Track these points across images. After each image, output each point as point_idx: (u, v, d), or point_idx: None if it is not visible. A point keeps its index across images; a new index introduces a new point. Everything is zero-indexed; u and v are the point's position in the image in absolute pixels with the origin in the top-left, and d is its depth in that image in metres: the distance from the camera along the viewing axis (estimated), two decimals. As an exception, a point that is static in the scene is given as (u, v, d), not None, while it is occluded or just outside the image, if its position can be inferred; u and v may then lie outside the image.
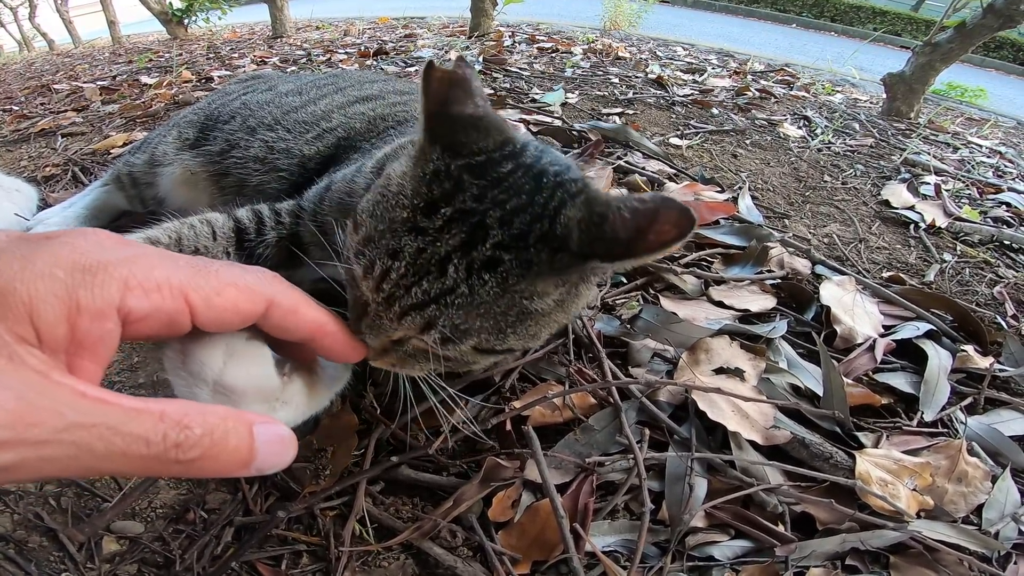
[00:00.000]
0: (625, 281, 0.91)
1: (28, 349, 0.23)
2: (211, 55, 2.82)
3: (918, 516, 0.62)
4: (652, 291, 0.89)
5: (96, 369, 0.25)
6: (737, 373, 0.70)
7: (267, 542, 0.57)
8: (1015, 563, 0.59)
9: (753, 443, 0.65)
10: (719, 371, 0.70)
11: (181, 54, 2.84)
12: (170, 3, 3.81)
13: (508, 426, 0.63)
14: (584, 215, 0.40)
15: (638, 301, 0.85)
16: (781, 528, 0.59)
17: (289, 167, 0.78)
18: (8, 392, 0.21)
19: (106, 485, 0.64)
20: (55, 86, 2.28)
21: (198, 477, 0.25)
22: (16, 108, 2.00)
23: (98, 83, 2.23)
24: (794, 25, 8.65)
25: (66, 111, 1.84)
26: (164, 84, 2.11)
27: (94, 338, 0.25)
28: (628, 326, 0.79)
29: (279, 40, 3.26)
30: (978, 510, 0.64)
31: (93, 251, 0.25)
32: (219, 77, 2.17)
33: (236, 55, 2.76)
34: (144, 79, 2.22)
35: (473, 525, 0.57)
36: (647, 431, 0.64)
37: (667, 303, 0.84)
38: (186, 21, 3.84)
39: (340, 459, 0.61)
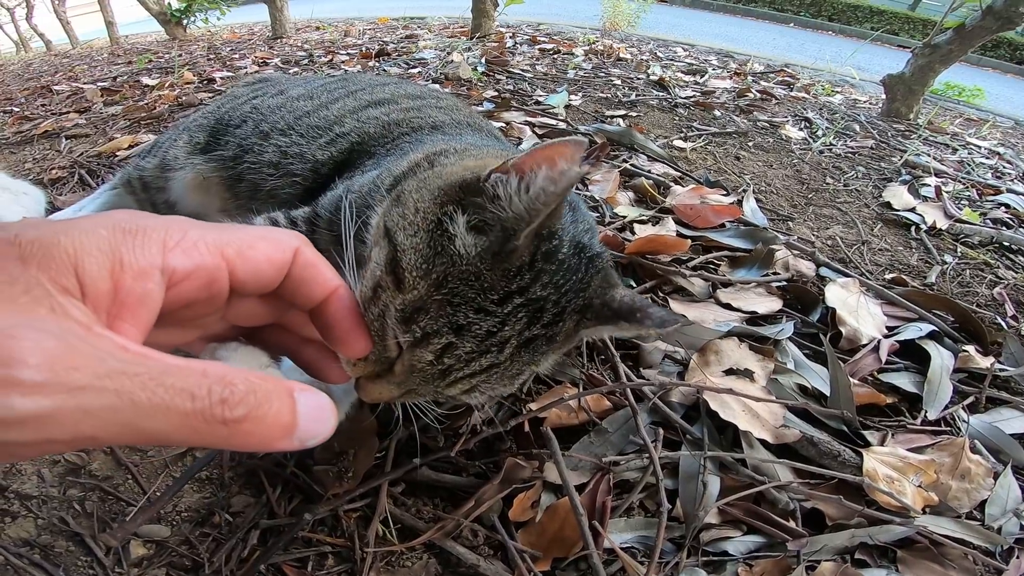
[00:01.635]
0: (634, 285, 0.92)
1: (71, 300, 0.22)
2: (211, 56, 2.81)
3: (923, 512, 0.64)
4: (661, 294, 0.90)
5: (136, 333, 0.24)
6: (747, 374, 0.71)
7: (292, 544, 0.58)
8: (1018, 557, 0.60)
9: (763, 442, 0.67)
10: (729, 372, 0.72)
11: (181, 55, 2.83)
12: (169, 3, 3.80)
13: (526, 427, 0.64)
14: (601, 288, 0.45)
15: (649, 304, 0.86)
16: (792, 524, 0.61)
17: (303, 172, 0.79)
18: (48, 335, 0.20)
19: (130, 489, 0.65)
20: (55, 87, 2.27)
21: (242, 449, 0.24)
22: (16, 110, 1.99)
23: (99, 84, 2.23)
24: (792, 24, 8.67)
25: (68, 112, 1.83)
26: (166, 85, 2.11)
27: (136, 297, 0.24)
28: (640, 329, 0.80)
29: (279, 41, 3.26)
30: (981, 506, 0.66)
31: (131, 218, 0.25)
32: (221, 78, 2.17)
33: (237, 56, 2.75)
34: (145, 80, 2.21)
35: (495, 524, 0.58)
36: (661, 431, 0.66)
37: (676, 305, 0.86)
38: (185, 22, 3.83)
39: (362, 461, 0.62)
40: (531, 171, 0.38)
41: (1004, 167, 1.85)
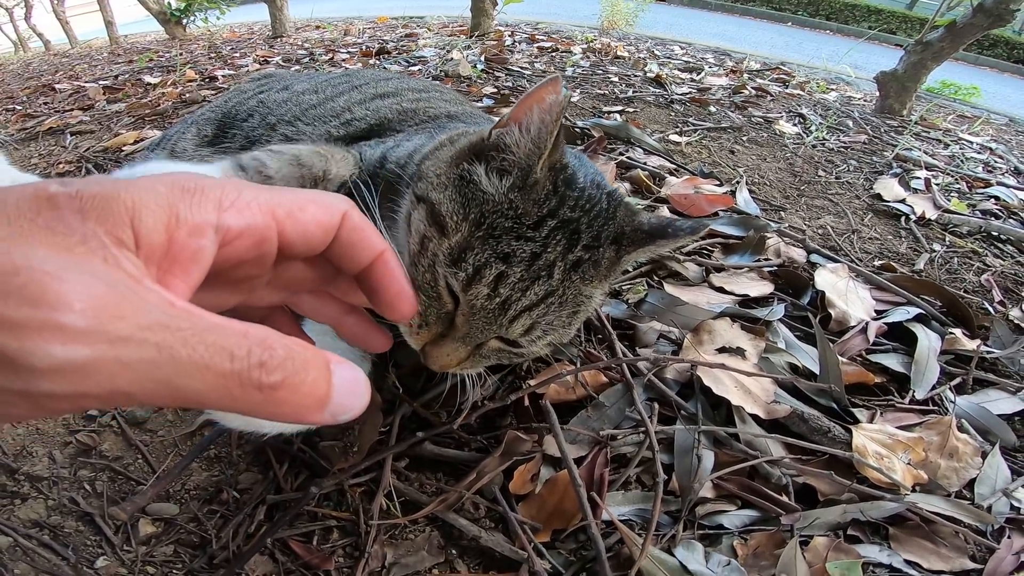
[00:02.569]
0: (630, 269, 0.95)
1: (124, 253, 0.22)
2: (212, 55, 2.83)
3: (914, 489, 0.65)
4: (656, 277, 0.93)
5: (185, 289, 0.25)
6: (739, 352, 0.74)
7: (299, 519, 0.60)
8: (1009, 537, 0.61)
9: (756, 417, 0.69)
10: (722, 350, 0.74)
11: (182, 54, 2.85)
12: (168, 3, 3.81)
13: (526, 402, 0.66)
14: (627, 216, 0.49)
15: (644, 286, 0.89)
16: (785, 499, 0.62)
17: None
18: (97, 281, 0.20)
19: (140, 469, 0.67)
20: (57, 86, 2.29)
21: (274, 418, 0.23)
22: (19, 108, 2.01)
23: (100, 83, 2.24)
24: (789, 23, 8.71)
25: (72, 110, 1.85)
26: (169, 83, 2.13)
27: (188, 253, 0.24)
28: (635, 309, 0.83)
29: (279, 40, 3.27)
30: (970, 485, 0.67)
31: (189, 177, 0.26)
32: (223, 76, 2.19)
33: (237, 55, 2.77)
34: (147, 78, 2.23)
35: (496, 496, 0.60)
36: (656, 406, 0.68)
37: (671, 288, 0.88)
38: (184, 21, 3.84)
39: (367, 436, 0.64)
40: (526, 115, 0.44)
41: (996, 162, 1.88)
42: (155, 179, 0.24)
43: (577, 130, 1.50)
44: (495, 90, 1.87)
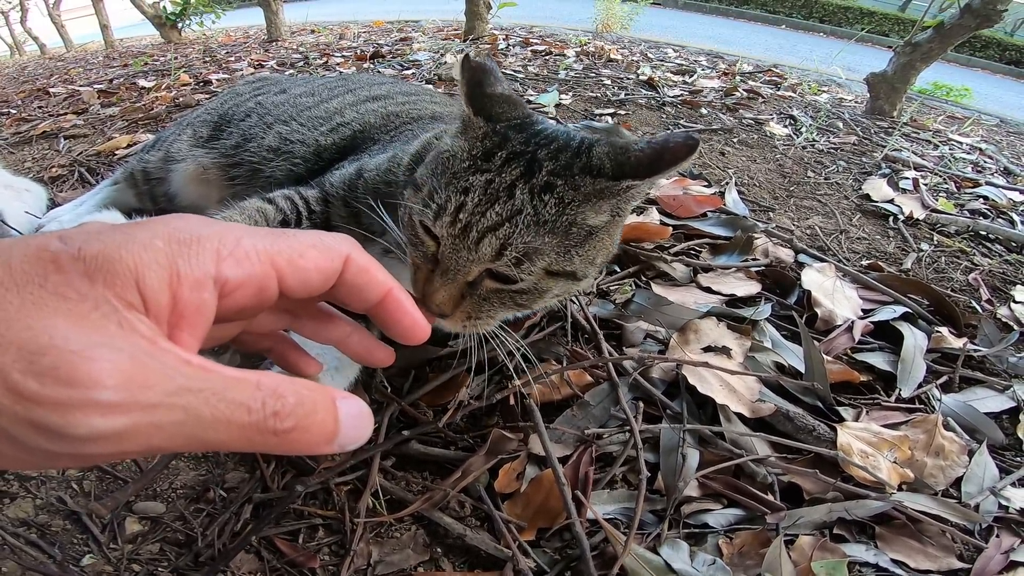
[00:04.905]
0: (618, 269, 0.95)
1: (137, 315, 0.23)
2: (207, 59, 2.84)
3: (900, 488, 0.65)
4: (644, 278, 0.93)
5: (194, 342, 0.26)
6: (724, 351, 0.74)
7: (284, 517, 0.60)
8: (997, 536, 0.61)
9: (741, 416, 0.69)
10: (707, 349, 0.75)
11: (177, 58, 2.85)
12: (164, 7, 3.82)
13: (512, 401, 0.67)
14: (610, 150, 0.52)
15: (631, 286, 0.89)
16: (771, 497, 0.62)
17: (304, 155, 0.82)
18: (122, 354, 0.21)
19: (127, 468, 0.67)
20: (52, 90, 2.29)
21: (286, 453, 0.24)
22: (14, 111, 2.01)
23: (95, 86, 2.25)
24: (783, 26, 8.76)
25: (66, 114, 1.85)
26: (163, 87, 2.13)
27: (193, 308, 0.25)
28: (622, 309, 0.83)
29: (274, 44, 3.28)
30: (957, 484, 0.67)
31: (185, 227, 0.26)
32: (217, 80, 2.19)
33: (232, 58, 2.78)
34: (142, 82, 2.24)
35: (481, 495, 0.61)
36: (641, 405, 0.68)
37: (658, 289, 0.89)
38: (180, 25, 3.85)
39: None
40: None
41: (985, 162, 1.90)
42: (153, 231, 0.25)
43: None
44: (488, 93, 1.88)
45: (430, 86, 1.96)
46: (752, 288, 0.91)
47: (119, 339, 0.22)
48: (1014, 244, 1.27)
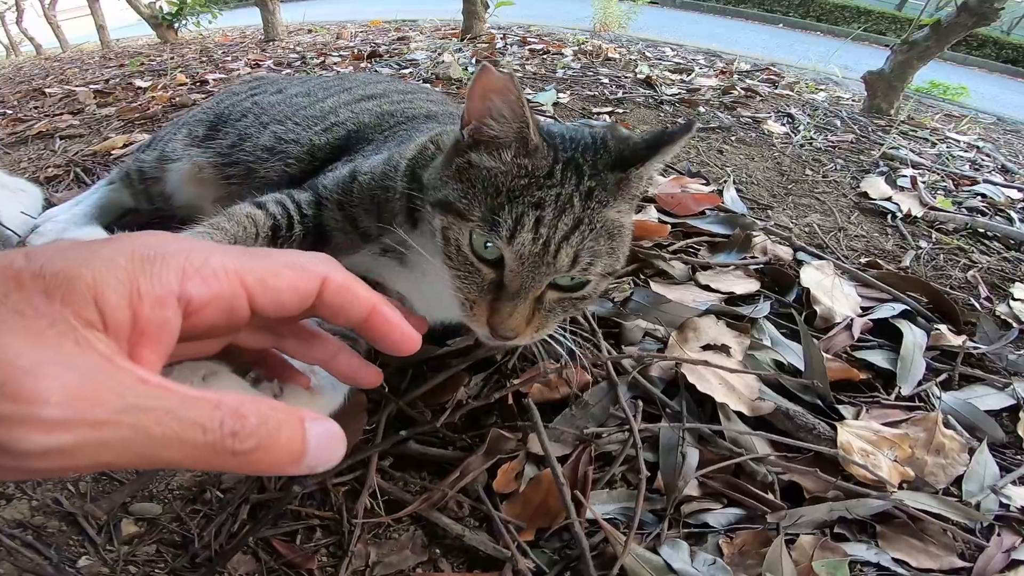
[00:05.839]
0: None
1: (95, 334, 0.23)
2: (204, 59, 2.83)
3: (900, 487, 0.65)
4: (643, 276, 0.93)
5: (156, 360, 0.25)
6: (723, 349, 0.74)
7: (282, 518, 0.59)
8: (998, 534, 0.61)
9: (740, 415, 0.69)
10: (707, 347, 0.74)
11: (173, 58, 2.84)
12: (160, 7, 3.81)
13: (510, 400, 0.66)
14: (616, 141, 0.55)
15: (629, 284, 0.89)
16: (771, 496, 0.62)
17: (298, 155, 0.82)
18: (73, 372, 0.21)
19: (123, 469, 0.66)
20: (47, 90, 2.28)
21: (252, 473, 0.23)
22: (10, 112, 2.00)
23: (91, 87, 2.24)
24: (781, 25, 8.77)
25: (62, 114, 1.85)
26: (159, 87, 2.13)
27: (155, 326, 0.25)
28: (621, 307, 0.83)
29: (271, 44, 3.28)
30: (958, 482, 0.67)
31: (152, 243, 0.26)
32: (214, 80, 2.18)
33: (229, 59, 2.77)
34: (138, 83, 2.23)
35: (480, 495, 0.60)
36: (641, 404, 0.68)
37: (657, 287, 0.88)
38: (176, 25, 3.84)
39: (351, 436, 0.63)
40: (485, 104, 0.51)
41: (982, 160, 1.90)
42: (117, 247, 0.25)
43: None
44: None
45: (427, 85, 1.96)
46: (751, 286, 0.91)
47: (74, 357, 0.22)
48: (1012, 241, 1.27)
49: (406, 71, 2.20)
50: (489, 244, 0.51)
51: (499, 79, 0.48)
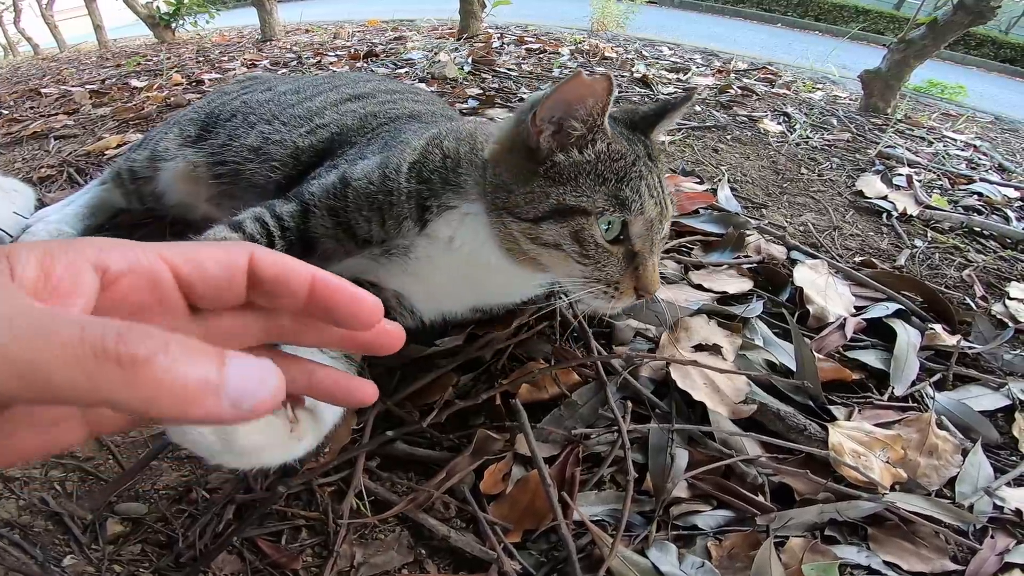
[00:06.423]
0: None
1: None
2: (200, 59, 2.82)
3: (892, 489, 0.64)
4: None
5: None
6: (715, 349, 0.73)
7: (267, 518, 0.59)
8: (992, 536, 0.60)
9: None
10: (698, 347, 0.74)
11: (170, 58, 2.84)
12: (157, 7, 3.81)
13: (498, 400, 0.66)
14: (630, 113, 0.66)
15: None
16: (761, 498, 0.61)
17: (282, 157, 0.81)
18: None
19: (110, 469, 0.66)
20: (44, 90, 2.28)
21: (149, 404, 0.19)
22: (6, 112, 2.00)
23: (87, 87, 2.23)
24: (779, 25, 8.76)
25: (57, 114, 1.84)
26: (155, 87, 2.12)
27: (66, 286, 0.24)
28: (612, 308, 0.82)
29: (268, 43, 3.27)
30: (951, 484, 0.66)
31: (85, 238, 0.26)
32: (209, 80, 2.18)
33: (225, 58, 2.77)
34: (134, 83, 2.22)
35: (466, 496, 0.60)
36: (630, 405, 0.68)
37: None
38: (173, 25, 3.83)
39: (339, 436, 0.63)
40: (564, 104, 0.56)
41: (979, 159, 1.89)
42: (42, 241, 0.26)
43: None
44: (480, 91, 1.87)
45: (422, 84, 1.95)
46: (744, 285, 0.91)
47: None
48: (1009, 240, 1.27)
49: (402, 71, 2.20)
50: (609, 225, 0.57)
51: (590, 82, 0.53)
